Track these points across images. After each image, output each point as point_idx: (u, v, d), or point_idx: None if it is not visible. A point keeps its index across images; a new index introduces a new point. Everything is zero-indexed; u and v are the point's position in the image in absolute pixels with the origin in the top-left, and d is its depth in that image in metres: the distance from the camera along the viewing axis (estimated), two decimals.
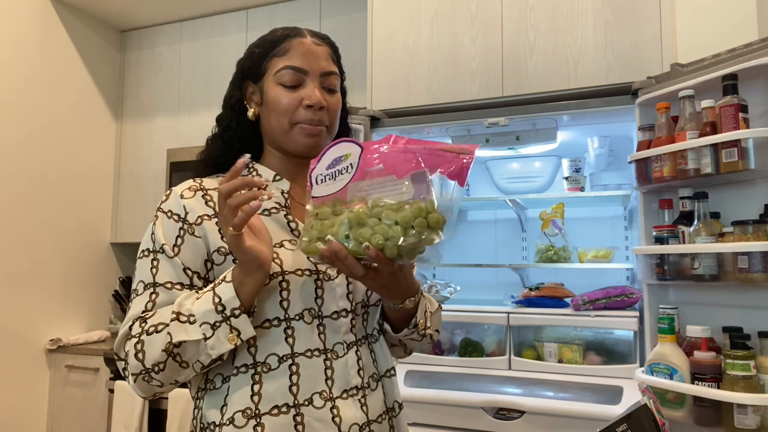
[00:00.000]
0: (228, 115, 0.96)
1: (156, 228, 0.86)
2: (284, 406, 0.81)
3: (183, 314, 0.78)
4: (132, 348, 0.79)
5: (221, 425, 0.81)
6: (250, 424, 0.80)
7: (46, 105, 2.73)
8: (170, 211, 0.87)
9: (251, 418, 0.80)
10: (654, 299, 1.56)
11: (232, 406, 0.81)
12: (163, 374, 0.79)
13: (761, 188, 1.39)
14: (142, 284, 0.85)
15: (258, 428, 0.80)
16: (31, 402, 2.60)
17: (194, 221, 0.86)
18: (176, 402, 2.27)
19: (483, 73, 1.94)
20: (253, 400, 0.81)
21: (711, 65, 1.45)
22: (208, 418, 0.83)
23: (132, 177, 3.04)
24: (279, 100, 0.90)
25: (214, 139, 0.98)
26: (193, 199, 0.88)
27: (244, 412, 0.80)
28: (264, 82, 0.93)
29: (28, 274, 2.61)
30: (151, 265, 0.85)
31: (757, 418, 1.21)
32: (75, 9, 2.88)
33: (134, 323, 0.82)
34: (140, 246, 0.88)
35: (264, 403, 0.81)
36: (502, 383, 1.81)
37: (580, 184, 2.10)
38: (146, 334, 0.79)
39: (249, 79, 0.96)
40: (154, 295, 0.83)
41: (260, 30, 2.86)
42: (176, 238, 0.85)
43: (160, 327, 0.79)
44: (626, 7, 1.77)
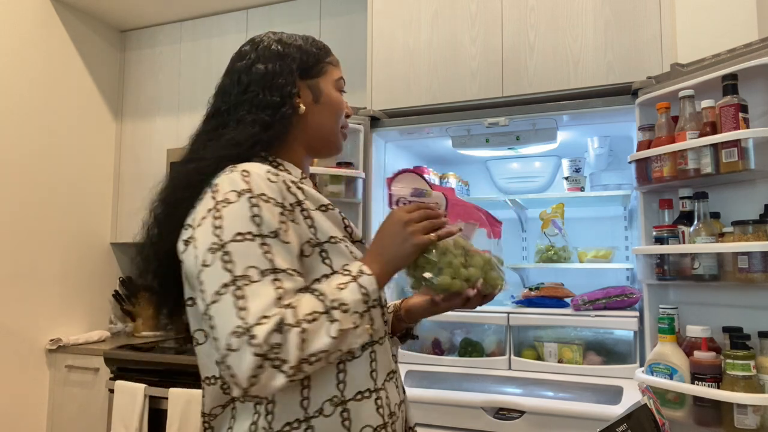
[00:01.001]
0: (285, 103, 0.94)
1: (263, 212, 0.79)
2: (366, 391, 0.86)
3: (336, 302, 0.78)
4: (295, 337, 0.72)
5: (308, 419, 0.82)
6: (337, 411, 0.83)
7: (46, 105, 2.73)
8: (264, 195, 0.81)
9: (338, 406, 0.83)
10: (654, 299, 1.56)
11: (317, 398, 0.82)
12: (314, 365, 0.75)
13: (761, 188, 1.39)
14: (255, 270, 0.75)
15: (344, 414, 0.83)
16: (31, 402, 2.60)
17: (291, 209, 0.84)
18: (176, 402, 2.27)
19: (483, 73, 1.94)
20: (338, 388, 0.84)
21: (711, 65, 1.45)
22: (285, 417, 0.81)
23: (132, 177, 3.04)
24: (340, 104, 1.01)
25: (265, 127, 0.92)
26: (280, 184, 0.85)
27: (331, 400, 0.83)
28: (320, 83, 1.00)
29: (28, 274, 2.61)
30: (262, 250, 0.77)
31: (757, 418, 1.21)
32: (75, 9, 2.88)
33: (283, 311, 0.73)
34: (226, 229, 0.77)
35: (348, 390, 0.84)
36: (502, 383, 1.81)
37: (580, 184, 2.11)
38: (306, 323, 0.73)
39: (301, 76, 0.98)
40: (277, 281, 0.76)
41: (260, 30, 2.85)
42: (280, 224, 0.81)
43: (316, 314, 0.75)
44: (626, 7, 1.77)
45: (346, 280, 0.81)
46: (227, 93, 0.96)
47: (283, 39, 0.99)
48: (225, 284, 0.74)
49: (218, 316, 0.73)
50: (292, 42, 0.99)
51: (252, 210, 0.79)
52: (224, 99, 0.96)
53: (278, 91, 0.94)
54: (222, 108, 0.96)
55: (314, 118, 0.98)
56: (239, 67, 0.97)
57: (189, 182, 0.88)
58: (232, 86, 0.96)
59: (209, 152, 0.90)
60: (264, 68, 0.95)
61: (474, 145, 2.07)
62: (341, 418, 0.83)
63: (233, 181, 0.81)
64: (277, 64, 0.96)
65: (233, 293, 0.73)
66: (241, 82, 0.95)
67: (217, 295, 0.74)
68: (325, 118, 0.99)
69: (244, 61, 0.97)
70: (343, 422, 0.83)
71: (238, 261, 0.75)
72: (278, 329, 0.71)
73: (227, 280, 0.74)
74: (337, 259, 0.87)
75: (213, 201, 0.81)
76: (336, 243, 0.88)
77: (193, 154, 0.93)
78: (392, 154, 2.28)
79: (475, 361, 1.99)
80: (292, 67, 0.97)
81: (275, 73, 0.95)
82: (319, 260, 0.85)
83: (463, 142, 2.08)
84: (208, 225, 0.79)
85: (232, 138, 0.90)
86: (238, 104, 0.94)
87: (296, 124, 0.96)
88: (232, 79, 0.97)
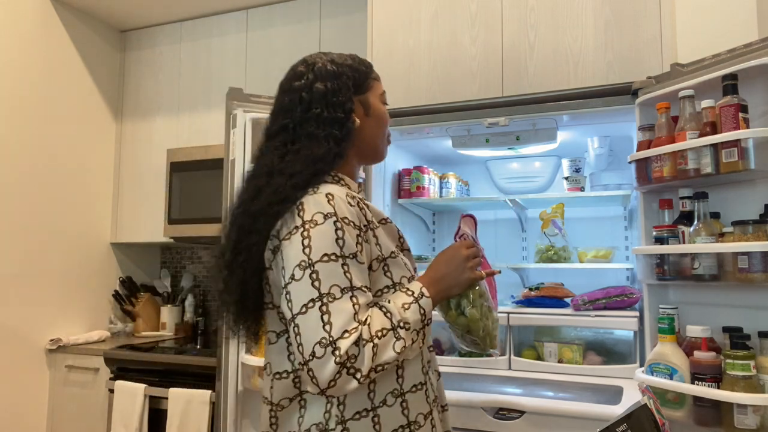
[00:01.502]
0: (348, 119, 1.05)
1: (346, 235, 0.92)
2: (419, 384, 1.02)
3: (401, 322, 0.93)
4: (369, 353, 0.87)
5: (374, 408, 0.95)
6: (398, 402, 0.97)
7: (46, 105, 2.73)
8: (346, 219, 0.94)
9: (398, 397, 0.98)
10: (654, 299, 1.56)
11: (381, 391, 0.97)
12: (380, 373, 0.91)
13: (761, 188, 1.39)
14: (337, 288, 0.89)
15: (403, 404, 0.98)
16: (31, 402, 2.60)
17: (365, 230, 0.97)
18: (176, 402, 2.27)
19: (483, 73, 1.94)
20: (398, 382, 0.98)
21: (711, 65, 1.45)
22: (355, 407, 0.95)
23: (132, 177, 3.04)
24: (386, 115, 1.14)
25: (337, 142, 1.03)
26: (356, 208, 0.98)
27: (392, 393, 0.97)
28: (369, 98, 1.11)
29: (28, 274, 2.61)
30: (343, 270, 0.91)
31: (757, 418, 1.21)
32: (75, 9, 2.88)
33: (360, 328, 0.88)
34: (314, 249, 0.90)
35: (406, 384, 0.99)
36: (502, 383, 1.81)
37: (580, 184, 2.11)
38: (377, 339, 0.89)
39: (354, 92, 1.08)
40: (354, 298, 0.90)
41: (260, 30, 2.87)
42: (356, 245, 0.94)
43: (385, 332, 0.91)
44: (626, 7, 1.77)
45: (409, 301, 0.97)
46: (290, 110, 1.05)
47: (335, 59, 1.09)
48: (312, 299, 0.88)
49: (304, 326, 0.88)
50: (344, 62, 1.09)
51: (337, 233, 0.91)
52: (288, 116, 1.05)
53: (340, 108, 1.04)
54: (288, 125, 1.05)
55: (366, 130, 1.09)
56: (298, 86, 1.06)
57: (282, 196, 0.96)
58: (293, 104, 1.05)
59: (295, 167, 0.99)
60: (324, 87, 1.05)
61: (474, 145, 2.07)
62: (401, 407, 0.98)
63: (319, 203, 0.93)
64: (335, 83, 1.06)
65: (319, 308, 0.87)
66: (303, 100, 1.04)
67: (304, 308, 0.88)
68: (375, 129, 1.11)
69: (302, 80, 1.06)
70: (402, 411, 0.98)
71: (324, 280, 0.89)
72: (356, 343, 0.86)
73: (314, 296, 0.88)
74: (396, 271, 1.02)
75: (300, 219, 0.93)
76: (395, 257, 1.02)
77: (271, 168, 1.01)
78: (392, 154, 2.28)
79: (475, 361, 1.99)
80: (348, 84, 1.07)
81: (335, 90, 1.05)
82: (382, 273, 1.00)
83: (463, 142, 2.08)
84: (296, 242, 0.91)
85: (313, 154, 1.00)
86: (303, 121, 1.04)
87: (359, 137, 1.08)
88: (293, 98, 1.06)
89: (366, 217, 0.99)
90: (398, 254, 1.03)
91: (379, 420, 0.96)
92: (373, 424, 0.95)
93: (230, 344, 1.72)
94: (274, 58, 2.77)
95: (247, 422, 1.77)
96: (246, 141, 1.80)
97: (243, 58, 2.85)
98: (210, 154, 2.73)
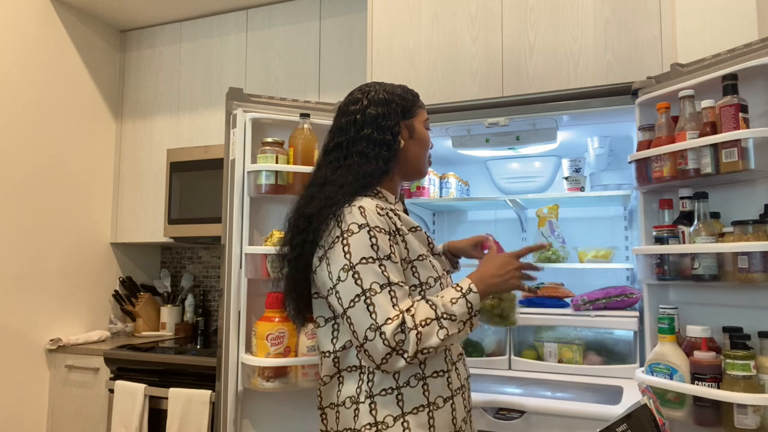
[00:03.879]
0: (395, 141, 1.21)
1: (379, 241, 1.09)
2: (441, 371, 1.16)
3: (446, 314, 1.07)
4: (414, 338, 1.03)
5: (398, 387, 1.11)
6: (419, 384, 1.12)
7: (46, 105, 2.73)
8: (378, 227, 1.10)
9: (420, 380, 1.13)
10: (654, 299, 1.56)
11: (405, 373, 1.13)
12: (426, 355, 1.06)
13: (761, 188, 1.39)
14: (377, 285, 1.06)
15: (425, 386, 1.13)
16: (31, 402, 2.60)
17: (394, 235, 1.13)
18: (176, 402, 2.27)
19: (483, 73, 1.94)
20: (420, 367, 1.14)
21: (711, 65, 1.45)
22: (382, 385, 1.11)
23: (132, 177, 3.04)
24: (428, 139, 1.31)
25: (386, 161, 1.20)
26: (385, 217, 1.13)
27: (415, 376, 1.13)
28: (414, 123, 1.27)
29: (28, 274, 2.61)
30: (381, 270, 1.07)
31: (757, 418, 1.21)
32: (75, 9, 2.88)
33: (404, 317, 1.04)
34: (353, 254, 1.07)
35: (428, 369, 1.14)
36: (502, 383, 1.81)
37: (580, 184, 2.10)
38: (421, 327, 1.04)
39: (402, 117, 1.24)
40: (392, 291, 1.06)
41: (260, 30, 2.87)
42: (389, 248, 1.10)
43: (429, 321, 1.06)
44: (626, 7, 1.77)
45: (457, 296, 1.11)
46: (345, 131, 1.22)
47: (387, 88, 1.26)
48: (357, 295, 1.06)
49: (355, 317, 1.06)
50: (394, 90, 1.26)
51: (371, 240, 1.08)
52: (343, 135, 1.22)
53: (389, 131, 1.20)
54: (342, 143, 1.21)
55: (410, 151, 1.26)
56: (353, 110, 1.23)
57: (332, 201, 1.13)
58: (348, 125, 1.22)
59: (347, 179, 1.16)
60: (376, 112, 1.21)
61: (474, 145, 2.07)
62: (422, 389, 1.12)
63: (354, 216, 1.10)
64: (386, 108, 1.22)
65: (364, 301, 1.06)
66: (357, 122, 1.21)
67: (352, 303, 1.07)
68: (418, 150, 1.27)
69: (357, 105, 1.23)
70: (423, 392, 1.12)
71: (365, 278, 1.06)
72: (402, 329, 1.03)
73: (359, 292, 1.06)
74: (424, 272, 1.16)
75: (339, 230, 1.10)
76: (423, 260, 1.17)
77: (324, 179, 1.19)
78: None
79: (475, 361, 1.99)
80: (396, 111, 1.23)
81: (385, 115, 1.21)
82: (411, 274, 1.15)
83: (463, 142, 2.08)
84: (338, 249, 1.09)
85: (365, 171, 1.17)
86: (355, 140, 1.20)
87: (403, 157, 1.25)
88: (349, 120, 1.22)
89: (396, 225, 1.14)
90: (427, 257, 1.18)
91: (402, 398, 1.11)
92: (396, 401, 1.11)
93: (230, 344, 1.73)
94: (274, 59, 2.77)
95: (247, 422, 1.77)
96: (246, 141, 1.80)
97: (243, 58, 2.85)
98: (210, 154, 2.74)
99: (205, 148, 2.76)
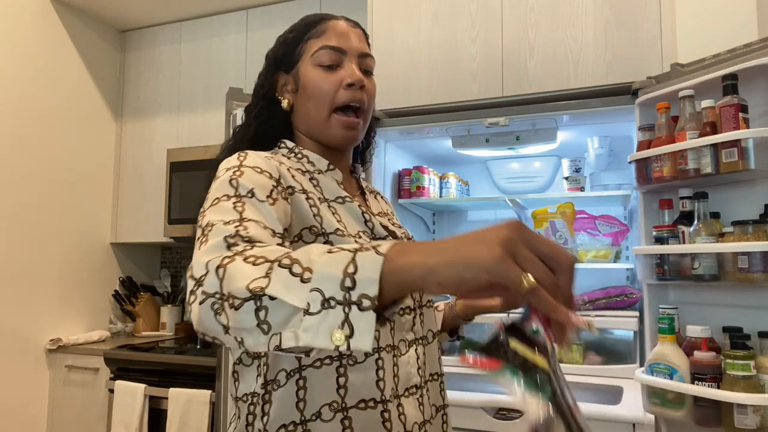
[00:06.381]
0: (259, 104, 0.94)
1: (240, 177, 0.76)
2: (371, 401, 0.79)
3: (300, 263, 0.55)
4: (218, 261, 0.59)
5: (304, 422, 0.77)
6: (338, 418, 0.77)
7: (46, 105, 2.73)
8: (258, 167, 0.78)
9: (338, 412, 0.77)
10: (654, 299, 1.55)
11: (315, 401, 0.78)
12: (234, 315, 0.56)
13: (761, 188, 1.39)
14: (221, 222, 0.68)
15: (345, 422, 0.77)
16: (31, 402, 2.60)
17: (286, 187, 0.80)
18: (176, 402, 2.27)
19: (483, 73, 1.94)
20: (339, 393, 0.78)
21: (711, 65, 1.45)
22: (282, 419, 0.78)
23: (132, 177, 3.04)
24: (318, 82, 0.88)
25: (245, 128, 0.95)
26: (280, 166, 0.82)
27: (330, 405, 0.77)
28: (299, 67, 0.91)
29: (28, 274, 2.61)
30: (233, 206, 0.71)
31: (757, 418, 1.21)
32: (75, 9, 2.88)
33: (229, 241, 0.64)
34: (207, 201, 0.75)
35: (350, 397, 0.78)
36: None
37: (580, 184, 2.10)
38: (241, 257, 0.59)
39: (281, 69, 0.94)
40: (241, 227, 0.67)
41: (260, 30, 2.87)
42: (271, 191, 0.76)
43: (260, 261, 0.58)
44: (626, 7, 1.77)
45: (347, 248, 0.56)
46: None
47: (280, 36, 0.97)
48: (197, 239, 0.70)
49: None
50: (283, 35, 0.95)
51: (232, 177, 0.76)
52: None
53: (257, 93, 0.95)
54: None
55: (301, 109, 0.92)
56: None
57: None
58: None
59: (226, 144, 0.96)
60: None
61: (474, 145, 2.07)
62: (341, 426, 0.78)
63: (227, 161, 0.82)
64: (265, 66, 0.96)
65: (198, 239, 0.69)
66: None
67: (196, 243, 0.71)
68: (309, 105, 0.89)
69: None
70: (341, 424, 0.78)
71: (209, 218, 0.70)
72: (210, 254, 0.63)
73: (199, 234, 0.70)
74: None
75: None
76: (343, 236, 0.81)
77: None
78: (392, 154, 2.28)
79: None
80: (270, 64, 0.95)
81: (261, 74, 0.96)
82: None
83: (463, 142, 2.08)
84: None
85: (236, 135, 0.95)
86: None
87: (298, 118, 0.93)
88: None
89: (302, 185, 0.83)
90: (350, 236, 0.82)
91: None
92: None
93: None
94: None
95: None
96: None
97: (243, 58, 2.85)
98: (210, 154, 2.74)
99: (205, 148, 2.76)
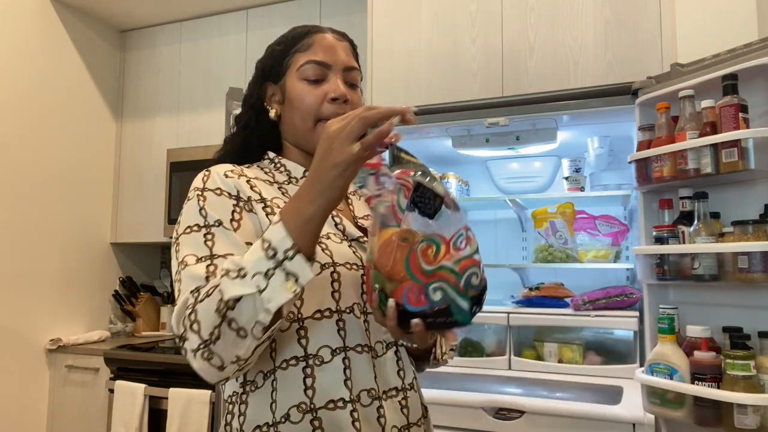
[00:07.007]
0: (248, 114, 0.96)
1: (206, 205, 0.81)
2: (340, 401, 0.79)
3: (233, 270, 0.70)
4: (188, 320, 0.71)
5: (276, 424, 0.78)
6: (306, 419, 0.77)
7: (46, 105, 2.73)
8: (219, 189, 0.83)
9: (307, 413, 0.78)
10: (654, 299, 1.55)
11: (284, 402, 0.78)
12: (222, 345, 0.70)
13: (761, 188, 1.39)
14: (194, 257, 0.77)
15: (315, 422, 0.77)
16: (31, 402, 2.60)
17: (246, 200, 0.84)
18: (176, 402, 2.27)
19: (483, 73, 1.94)
20: (306, 394, 0.78)
21: (711, 65, 1.45)
22: (256, 420, 0.80)
23: (132, 177, 3.04)
24: (303, 96, 0.90)
25: (234, 138, 0.98)
26: (239, 180, 0.86)
27: (299, 407, 0.78)
28: (286, 79, 0.93)
29: (28, 274, 2.61)
30: (204, 239, 0.79)
31: (757, 418, 1.21)
32: (75, 9, 2.88)
33: (189, 296, 0.73)
34: (181, 224, 0.82)
35: (318, 398, 0.78)
36: (502, 383, 1.81)
37: (580, 184, 2.10)
38: (199, 302, 0.71)
39: (269, 80, 0.95)
40: (212, 267, 0.76)
41: (260, 30, 2.87)
42: (232, 213, 0.82)
43: (211, 290, 0.71)
44: (626, 7, 1.77)
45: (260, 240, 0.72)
46: None
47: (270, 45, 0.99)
48: (176, 272, 0.79)
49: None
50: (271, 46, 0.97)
51: (199, 204, 0.82)
52: None
53: (246, 103, 0.98)
54: None
55: (287, 119, 0.94)
56: None
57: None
58: None
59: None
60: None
61: (474, 145, 2.07)
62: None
63: (195, 181, 0.87)
64: (254, 75, 0.98)
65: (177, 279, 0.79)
66: None
67: (174, 284, 0.80)
68: (295, 116, 0.91)
69: None
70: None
71: (183, 251, 0.79)
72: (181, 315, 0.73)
73: (176, 269, 0.79)
74: None
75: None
76: None
77: None
78: None
79: (475, 361, 1.99)
80: (258, 75, 0.97)
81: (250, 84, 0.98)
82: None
83: (463, 142, 2.08)
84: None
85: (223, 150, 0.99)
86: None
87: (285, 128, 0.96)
88: None
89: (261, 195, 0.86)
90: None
91: None
92: None
93: None
94: None
95: None
96: None
97: (243, 58, 2.85)
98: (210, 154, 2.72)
99: (205, 148, 2.76)
